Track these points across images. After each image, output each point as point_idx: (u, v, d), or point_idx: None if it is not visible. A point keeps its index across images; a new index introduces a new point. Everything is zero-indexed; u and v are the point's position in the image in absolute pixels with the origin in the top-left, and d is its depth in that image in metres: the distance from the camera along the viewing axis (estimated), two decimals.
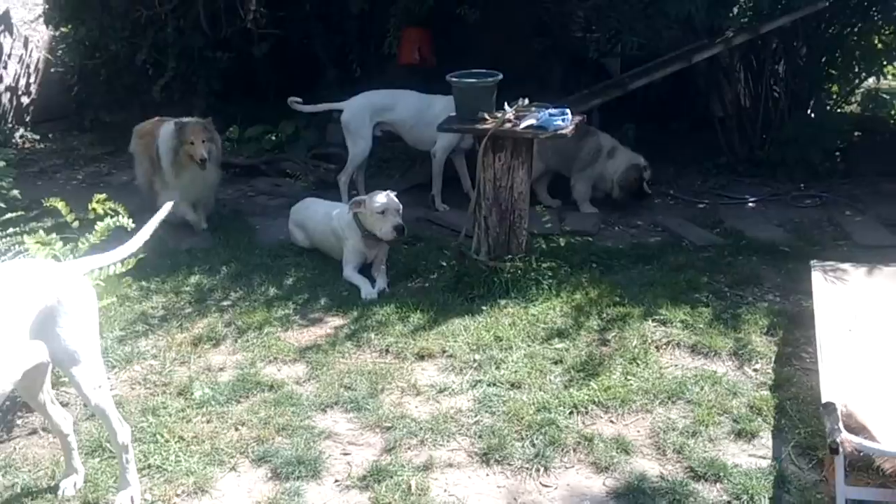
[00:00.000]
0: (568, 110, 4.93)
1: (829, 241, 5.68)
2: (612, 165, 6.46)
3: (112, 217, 3.88)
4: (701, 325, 4.48)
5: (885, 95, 8.44)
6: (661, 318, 4.57)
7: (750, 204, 6.63)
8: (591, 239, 5.73)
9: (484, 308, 4.72)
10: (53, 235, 3.96)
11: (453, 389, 3.98)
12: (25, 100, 8.87)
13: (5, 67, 8.65)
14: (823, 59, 7.40)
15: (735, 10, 7.00)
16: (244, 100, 8.58)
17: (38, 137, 8.76)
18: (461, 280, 5.01)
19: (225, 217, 6.49)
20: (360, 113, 6.55)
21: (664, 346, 4.32)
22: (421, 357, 4.28)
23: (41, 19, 8.52)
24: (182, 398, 3.94)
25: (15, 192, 5.68)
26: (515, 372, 4.07)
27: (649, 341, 4.35)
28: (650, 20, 6.90)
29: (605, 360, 4.18)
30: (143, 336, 4.53)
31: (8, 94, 8.69)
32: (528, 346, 4.33)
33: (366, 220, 5.22)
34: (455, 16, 7.45)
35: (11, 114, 8.73)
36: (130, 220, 3.88)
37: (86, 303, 3.05)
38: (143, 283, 5.06)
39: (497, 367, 4.12)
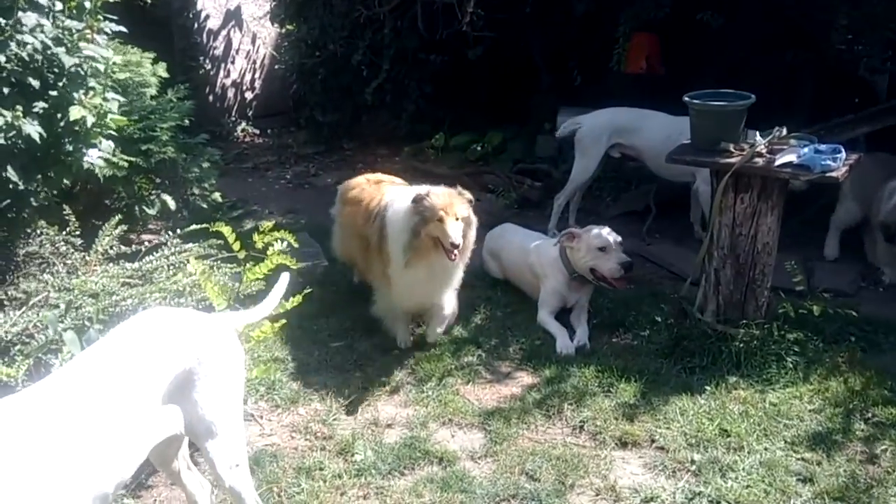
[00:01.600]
0: (842, 148, 3.78)
1: None
2: None
3: (277, 248, 3.33)
4: None
5: None
6: None
7: None
8: (852, 307, 4.36)
9: (707, 386, 3.73)
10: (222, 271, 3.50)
11: (663, 499, 3.06)
12: (249, 95, 8.87)
13: (233, 62, 8.68)
14: None
15: None
16: (454, 104, 8.01)
17: (257, 132, 8.72)
18: (679, 344, 4.04)
19: None
20: (599, 131, 5.71)
21: None
22: (623, 444, 3.38)
23: (269, 16, 8.44)
24: (342, 459, 3.33)
25: (216, 195, 5.41)
26: (748, 487, 3.07)
27: None
28: None
29: (874, 485, 3.07)
30: (316, 371, 3.99)
31: (233, 89, 8.73)
32: (766, 449, 3.30)
33: (577, 257, 4.39)
34: (693, 21, 6.36)
35: (235, 108, 8.76)
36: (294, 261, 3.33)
37: (233, 365, 2.49)
38: (321, 306, 4.56)
39: (723, 476, 3.14)
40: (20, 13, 3.38)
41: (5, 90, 3.38)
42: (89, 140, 3.68)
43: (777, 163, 3.80)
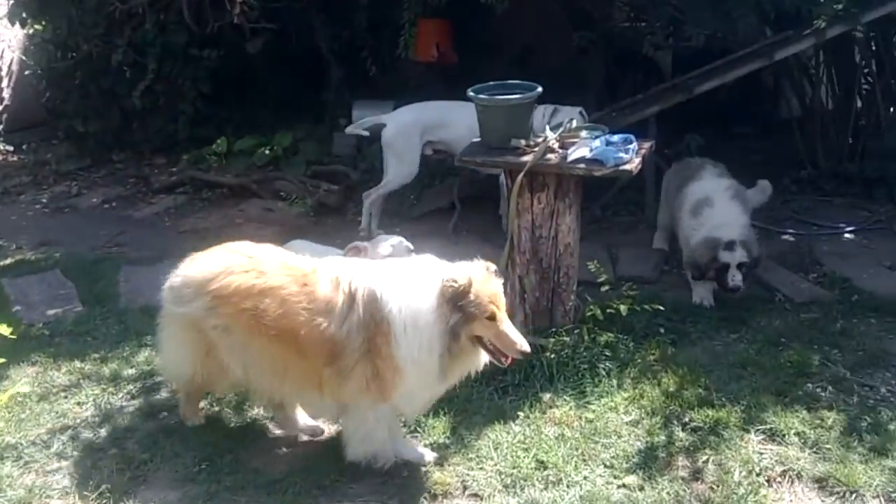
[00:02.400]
0: (633, 138, 3.53)
1: None
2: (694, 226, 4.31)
3: None
4: (827, 443, 3.09)
5: None
6: (769, 428, 3.19)
7: (847, 235, 5.19)
8: (657, 297, 4.10)
9: (521, 411, 3.37)
10: None
11: None
12: None
13: None
14: None
15: None
16: (238, 104, 7.26)
17: (10, 149, 7.51)
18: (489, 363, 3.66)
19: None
20: (410, 130, 5.23)
21: (779, 481, 2.95)
22: (434, 497, 2.94)
23: (7, 16, 7.23)
24: None
25: None
26: None
27: (757, 471, 2.98)
28: (719, 6, 5.43)
29: None
30: (58, 457, 3.19)
31: None
32: (585, 479, 2.97)
33: None
34: (479, 5, 6.04)
35: None
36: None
37: None
38: (77, 362, 3.77)
39: None
40: None
41: None
42: None
43: (570, 158, 3.49)
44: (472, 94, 3.67)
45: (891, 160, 5.53)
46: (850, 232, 5.21)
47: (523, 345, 2.84)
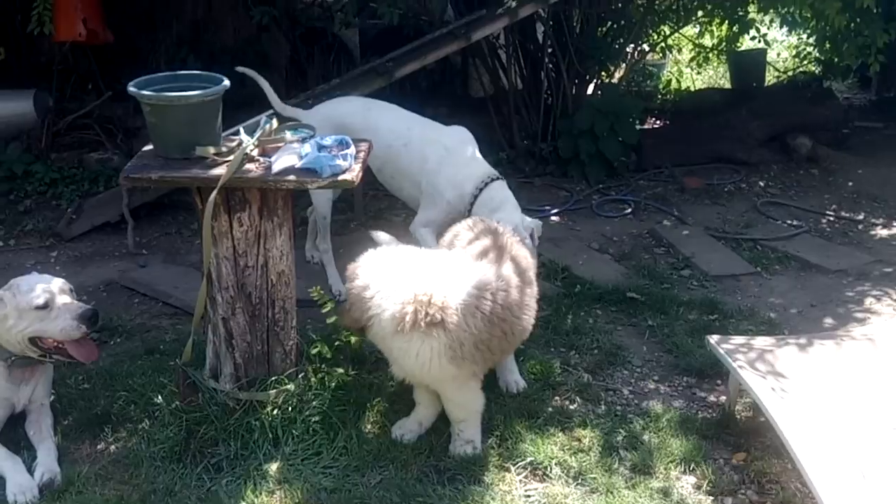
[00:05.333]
0: (350, 140, 2.88)
1: (674, 275, 4.28)
2: None
3: None
4: (591, 471, 2.76)
5: (651, 68, 7.39)
6: (530, 462, 2.80)
7: (553, 218, 5.11)
8: None
9: (243, 496, 2.61)
10: None
11: None
12: None
13: None
14: (607, 29, 6.04)
15: None
16: None
17: None
18: (194, 434, 2.83)
19: None
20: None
21: None
22: None
23: None
24: None
25: None
26: None
27: None
28: None
29: None
30: None
31: None
32: None
33: (4, 330, 2.83)
34: None
35: None
36: None
37: None
38: None
39: None
40: None
41: None
42: None
43: (275, 169, 2.75)
44: (133, 89, 2.74)
45: (582, 138, 5.57)
46: (555, 214, 5.14)
47: None
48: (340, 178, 2.77)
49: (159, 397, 2.97)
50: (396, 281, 2.66)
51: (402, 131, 3.81)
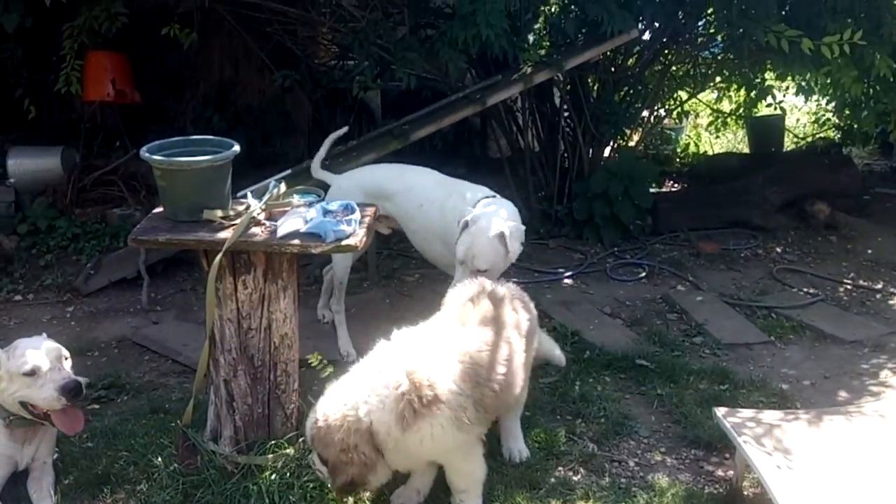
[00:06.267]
0: (355, 206, 2.92)
1: (686, 342, 4.22)
2: None
3: None
4: None
5: (669, 131, 7.43)
6: None
7: (567, 281, 5.09)
8: None
9: None
10: None
11: None
12: None
13: None
14: (623, 94, 6.10)
15: (531, 38, 5.43)
16: None
17: None
18: (190, 496, 2.81)
19: None
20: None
21: None
22: None
23: None
24: None
25: None
26: None
27: None
28: (429, 48, 5.11)
29: None
30: None
31: None
32: None
33: (1, 388, 2.85)
34: (163, 38, 5.12)
35: None
36: None
37: None
38: None
39: None
40: None
41: None
42: None
43: (280, 233, 2.79)
44: (146, 154, 2.82)
45: (596, 201, 5.58)
46: (568, 277, 5.12)
47: None
48: (344, 242, 2.80)
49: (159, 459, 2.97)
50: (375, 392, 2.59)
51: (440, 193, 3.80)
